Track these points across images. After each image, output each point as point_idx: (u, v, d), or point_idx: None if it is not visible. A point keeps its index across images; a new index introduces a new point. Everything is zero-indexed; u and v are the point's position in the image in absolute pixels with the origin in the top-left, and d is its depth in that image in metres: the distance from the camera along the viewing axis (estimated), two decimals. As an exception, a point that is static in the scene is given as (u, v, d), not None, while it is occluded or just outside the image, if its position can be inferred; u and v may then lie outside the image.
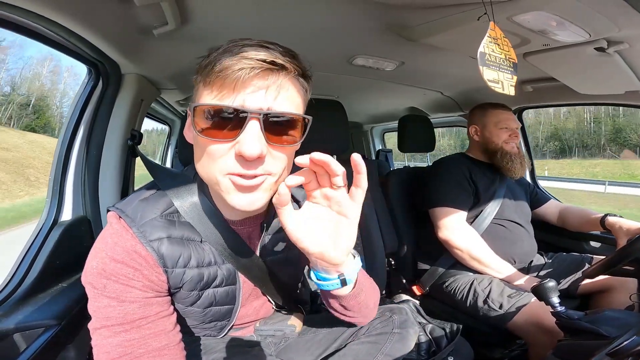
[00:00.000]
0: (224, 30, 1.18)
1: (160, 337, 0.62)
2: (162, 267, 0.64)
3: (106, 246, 0.62)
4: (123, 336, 0.59)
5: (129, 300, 0.60)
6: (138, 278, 0.62)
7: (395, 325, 0.97)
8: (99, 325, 0.60)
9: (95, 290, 0.61)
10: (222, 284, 0.74)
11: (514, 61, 0.86)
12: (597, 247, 1.70)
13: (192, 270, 0.68)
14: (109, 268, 0.60)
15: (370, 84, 1.91)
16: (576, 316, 0.87)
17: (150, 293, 0.63)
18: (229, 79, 0.53)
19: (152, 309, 0.63)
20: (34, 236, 0.98)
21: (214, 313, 0.77)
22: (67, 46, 0.93)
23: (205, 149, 0.57)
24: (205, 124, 0.55)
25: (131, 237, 0.63)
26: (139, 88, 1.23)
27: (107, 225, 0.66)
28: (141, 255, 0.63)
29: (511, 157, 1.53)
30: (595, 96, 1.56)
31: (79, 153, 1.10)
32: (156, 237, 0.64)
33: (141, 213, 0.65)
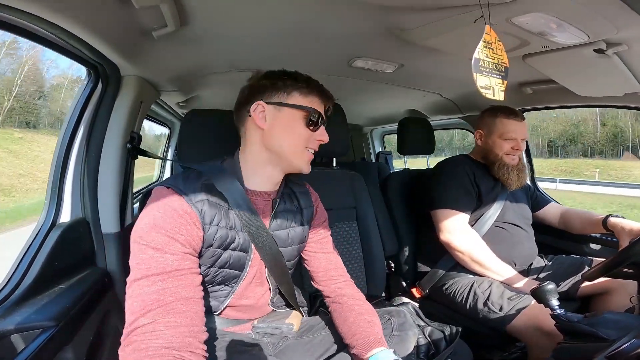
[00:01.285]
0: (223, 32, 1.18)
1: (189, 289, 0.72)
2: (202, 223, 0.79)
3: (157, 206, 0.77)
4: (159, 285, 0.69)
5: (171, 252, 0.73)
6: (181, 232, 0.75)
7: (394, 327, 0.98)
8: (140, 276, 0.70)
9: (142, 244, 0.72)
10: (237, 248, 0.87)
11: (505, 65, 0.86)
12: (597, 250, 1.70)
13: (222, 230, 0.83)
14: (160, 222, 0.74)
15: (369, 86, 1.91)
16: (575, 319, 0.87)
17: (187, 249, 0.76)
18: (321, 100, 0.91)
19: (186, 263, 0.74)
20: (32, 237, 0.97)
21: (224, 275, 0.88)
22: (66, 48, 0.93)
23: (300, 132, 0.88)
24: (310, 120, 0.88)
25: (178, 199, 0.78)
26: (139, 90, 1.22)
27: (156, 194, 0.80)
28: (187, 212, 0.78)
29: (508, 169, 1.51)
30: (595, 98, 1.56)
31: (78, 155, 1.09)
32: (199, 199, 0.80)
33: (186, 184, 0.82)
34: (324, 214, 1.09)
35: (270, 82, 0.88)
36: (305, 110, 0.87)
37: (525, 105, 1.87)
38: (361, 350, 0.87)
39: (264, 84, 0.89)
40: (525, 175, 1.57)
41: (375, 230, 1.53)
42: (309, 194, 1.06)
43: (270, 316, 1.00)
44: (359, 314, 0.95)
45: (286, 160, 0.89)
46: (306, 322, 1.05)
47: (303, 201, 1.02)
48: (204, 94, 2.10)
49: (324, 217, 1.09)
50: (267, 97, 0.88)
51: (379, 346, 0.87)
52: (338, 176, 1.55)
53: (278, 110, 0.87)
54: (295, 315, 1.02)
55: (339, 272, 1.05)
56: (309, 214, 1.03)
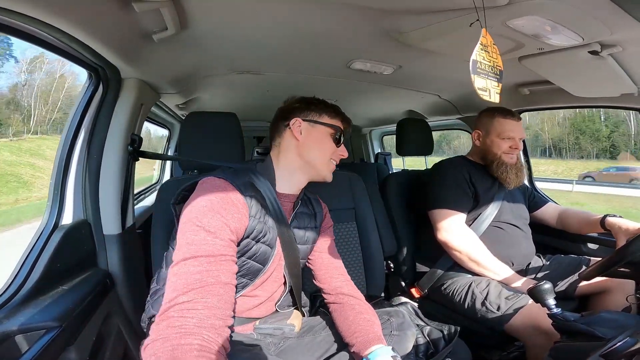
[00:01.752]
0: (223, 35, 1.19)
1: (228, 274, 0.77)
2: (249, 215, 0.87)
3: (213, 192, 0.84)
4: (205, 266, 0.74)
5: (221, 237, 0.79)
6: (234, 219, 0.83)
7: (393, 327, 1.00)
8: (189, 255, 0.75)
9: (198, 224, 0.78)
10: (266, 242, 0.93)
11: (500, 69, 0.87)
12: (594, 249, 1.71)
13: (260, 224, 0.90)
14: (218, 207, 0.82)
15: (368, 87, 1.92)
16: (572, 318, 0.88)
17: (234, 236, 0.82)
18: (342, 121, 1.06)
19: (230, 250, 0.81)
20: (35, 239, 0.99)
21: (249, 267, 0.93)
22: (68, 51, 0.94)
23: (328, 147, 1.02)
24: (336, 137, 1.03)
25: (233, 189, 0.87)
26: (139, 92, 1.23)
27: (205, 184, 0.88)
28: (240, 202, 0.86)
29: (506, 168, 1.53)
30: (591, 99, 1.57)
31: (79, 157, 1.10)
32: (249, 193, 0.90)
33: (237, 178, 0.91)
34: (330, 221, 1.20)
35: (305, 105, 1.04)
36: (333, 129, 1.03)
37: (522, 106, 1.88)
38: (360, 348, 0.89)
39: (300, 105, 1.04)
40: (523, 175, 1.58)
41: (374, 231, 1.54)
42: (320, 202, 1.18)
43: (272, 317, 1.01)
44: (358, 313, 0.98)
45: (314, 168, 1.02)
46: (307, 323, 1.06)
47: (316, 207, 1.14)
48: (204, 96, 2.11)
49: (330, 223, 1.19)
50: (304, 115, 1.02)
51: (378, 343, 0.89)
52: (337, 177, 1.55)
53: (312, 126, 1.02)
54: (297, 316, 1.03)
55: (339, 272, 1.10)
56: (320, 218, 1.14)
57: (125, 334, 1.17)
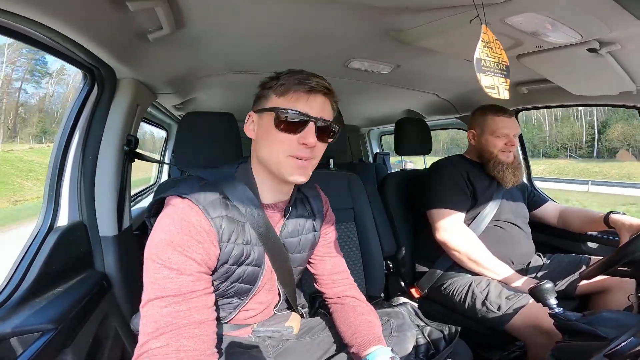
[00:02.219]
0: (219, 35, 1.18)
1: (202, 311, 0.70)
2: (219, 241, 0.77)
3: (173, 221, 0.73)
4: (174, 307, 0.67)
5: (187, 272, 0.70)
6: (199, 251, 0.73)
7: (393, 328, 0.99)
8: (154, 296, 0.68)
9: (158, 262, 0.69)
10: (251, 263, 0.85)
11: (506, 64, 0.86)
12: (594, 248, 1.70)
13: (238, 247, 0.81)
14: (177, 239, 0.71)
15: (366, 87, 1.92)
16: (574, 317, 0.87)
17: (203, 268, 0.74)
18: (302, 95, 0.78)
19: (201, 284, 0.72)
20: (30, 241, 0.98)
21: (236, 289, 0.86)
22: (62, 51, 0.93)
23: (277, 138, 0.78)
24: (280, 121, 0.77)
25: (197, 214, 0.75)
26: (135, 93, 1.22)
27: (169, 207, 0.76)
28: (205, 229, 0.75)
29: (503, 167, 1.52)
30: (590, 97, 1.56)
31: (74, 158, 1.09)
32: (217, 214, 0.77)
33: (204, 195, 0.78)
34: (332, 217, 1.08)
35: (259, 91, 0.85)
36: (279, 113, 0.78)
37: (521, 105, 1.88)
38: (360, 349, 0.88)
39: (256, 94, 0.86)
40: (521, 173, 1.58)
41: (373, 231, 1.54)
42: (320, 197, 1.03)
43: (271, 319, 1.00)
44: (359, 314, 0.96)
45: (274, 170, 0.82)
46: (306, 324, 1.05)
47: (316, 206, 1.00)
48: (201, 96, 2.10)
49: (332, 219, 1.08)
50: (256, 105, 0.85)
51: (378, 344, 0.88)
52: (336, 177, 1.55)
53: (260, 117, 0.83)
54: (295, 318, 1.02)
55: (343, 276, 1.05)
56: (321, 219, 1.01)
57: (123, 336, 1.16)
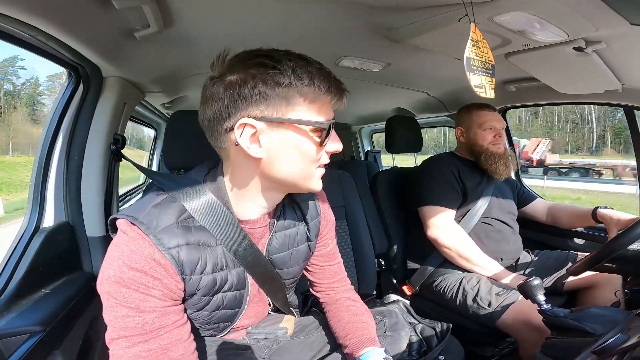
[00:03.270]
0: (208, 32, 1.17)
1: (178, 347, 0.63)
2: (181, 274, 0.65)
3: (122, 254, 0.61)
4: (142, 346, 0.60)
5: (148, 310, 0.60)
6: (157, 287, 0.61)
7: (386, 328, 0.99)
8: (116, 336, 0.60)
9: (113, 300, 0.60)
10: (231, 289, 0.75)
11: (492, 63, 0.87)
12: (581, 244, 1.74)
13: (208, 277, 0.69)
14: (127, 277, 0.60)
15: (357, 85, 1.91)
16: (562, 314, 0.88)
17: (168, 302, 0.63)
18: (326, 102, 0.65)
19: (169, 318, 0.63)
20: (15, 242, 0.96)
21: (219, 316, 0.77)
22: (44, 49, 0.91)
23: (311, 153, 0.66)
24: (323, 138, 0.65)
25: (148, 245, 0.61)
26: (122, 91, 1.20)
27: (119, 233, 0.64)
28: (160, 263, 0.62)
29: (495, 159, 1.54)
30: (576, 95, 1.58)
31: (59, 158, 1.07)
32: (174, 244, 0.63)
33: (156, 220, 0.63)
34: (331, 219, 0.95)
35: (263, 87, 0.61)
36: (317, 126, 0.64)
37: (509, 103, 1.90)
38: (353, 349, 0.87)
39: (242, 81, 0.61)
40: (512, 164, 1.60)
41: (364, 229, 1.54)
42: (315, 200, 0.89)
43: (265, 321, 0.98)
44: (354, 315, 0.94)
45: (294, 186, 0.71)
46: (299, 323, 1.04)
47: (308, 212, 0.86)
48: (191, 95, 2.07)
49: (331, 222, 0.95)
50: (255, 108, 0.61)
51: (371, 345, 0.86)
52: (327, 175, 1.54)
53: (276, 128, 0.63)
54: (289, 319, 1.00)
55: (342, 283, 1.01)
56: (316, 226, 0.88)
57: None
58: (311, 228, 0.86)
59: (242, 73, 0.61)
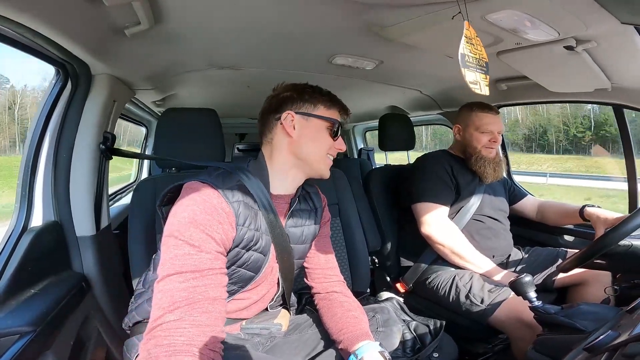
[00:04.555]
0: (200, 30, 1.15)
1: (217, 289, 0.73)
2: (236, 223, 0.81)
3: (195, 202, 0.77)
4: (191, 282, 0.70)
5: (206, 250, 0.74)
6: (218, 230, 0.76)
7: (379, 324, 1.00)
8: (173, 272, 0.70)
9: (181, 238, 0.73)
10: (258, 250, 0.88)
11: (485, 61, 0.87)
12: (571, 241, 1.76)
13: (250, 232, 0.84)
14: (200, 218, 0.75)
15: (350, 83, 1.91)
16: (553, 310, 0.89)
17: (221, 248, 0.77)
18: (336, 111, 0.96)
19: (217, 263, 0.76)
20: (3, 243, 0.95)
21: (239, 275, 0.88)
22: (31, 47, 0.89)
23: (325, 140, 0.93)
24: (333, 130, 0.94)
25: (218, 196, 0.79)
26: (111, 89, 1.19)
27: (189, 190, 0.80)
28: (225, 211, 0.78)
29: (484, 163, 1.54)
30: (566, 94, 1.60)
31: (47, 157, 1.05)
32: (236, 199, 0.82)
33: (222, 182, 0.83)
34: (328, 214, 1.13)
35: (297, 94, 0.93)
36: (329, 122, 0.93)
37: (500, 101, 1.91)
38: (347, 344, 0.90)
39: (291, 95, 0.93)
40: (501, 169, 1.60)
41: (358, 227, 1.54)
42: (319, 194, 1.09)
43: (259, 317, 0.99)
44: (346, 310, 0.97)
45: (311, 166, 0.94)
46: (293, 321, 1.05)
47: (316, 201, 1.06)
48: (182, 92, 2.05)
49: (328, 216, 1.13)
50: (296, 107, 0.92)
51: (366, 339, 0.89)
52: None
53: (306, 119, 0.92)
54: (284, 315, 1.02)
55: (334, 272, 1.08)
56: (320, 212, 1.07)
57: (106, 337, 1.14)
58: (318, 214, 1.05)
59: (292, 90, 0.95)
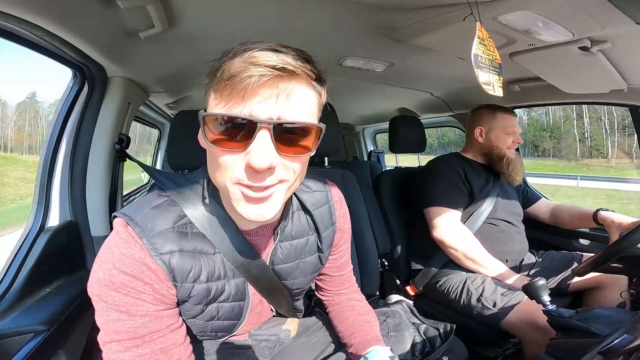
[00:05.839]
0: (212, 33, 1.17)
1: (172, 351, 0.61)
2: (172, 280, 0.62)
3: (113, 257, 0.58)
4: (134, 351, 0.58)
5: (140, 314, 0.58)
6: (148, 292, 0.59)
7: (390, 328, 0.98)
8: (109, 340, 0.58)
9: (104, 303, 0.57)
10: (228, 300, 0.71)
11: (499, 62, 0.87)
12: (586, 245, 1.72)
13: (201, 285, 0.65)
14: (117, 280, 0.57)
15: (360, 85, 1.92)
16: (567, 314, 0.88)
17: (160, 306, 0.61)
18: (237, 87, 0.51)
19: (163, 322, 0.61)
20: (20, 242, 0.97)
21: (215, 326, 0.74)
22: (50, 49, 0.91)
23: (217, 158, 0.55)
24: (216, 133, 0.53)
25: (140, 249, 0.59)
26: (126, 91, 1.21)
27: (112, 233, 0.62)
28: (151, 268, 0.59)
29: (513, 164, 1.55)
30: (581, 95, 1.57)
31: (65, 158, 1.08)
32: (167, 250, 0.61)
33: (152, 223, 0.61)
34: (347, 229, 0.89)
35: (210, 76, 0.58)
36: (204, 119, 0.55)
37: (513, 103, 1.89)
38: (358, 349, 0.85)
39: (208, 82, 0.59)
40: (521, 170, 1.60)
41: (368, 229, 1.53)
42: (330, 207, 0.81)
43: (267, 323, 0.97)
44: (358, 314, 0.93)
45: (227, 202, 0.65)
46: (302, 323, 1.03)
47: (321, 221, 0.79)
48: (195, 95, 2.08)
49: (347, 232, 0.89)
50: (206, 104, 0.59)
51: (376, 344, 0.85)
52: (330, 175, 1.54)
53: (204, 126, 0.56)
54: (292, 320, 1.00)
55: (351, 289, 0.99)
56: (329, 237, 0.82)
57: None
58: (323, 239, 0.80)
59: None
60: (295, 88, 0.54)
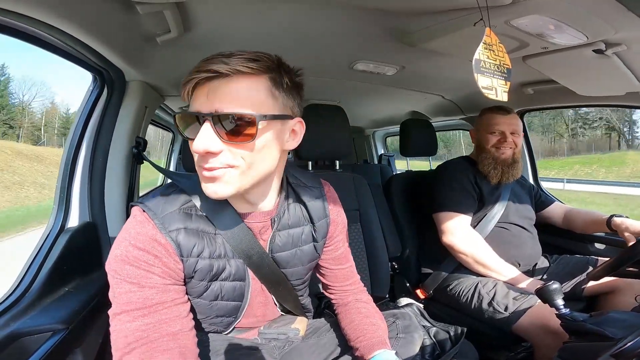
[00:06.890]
0: (226, 37, 1.20)
1: (175, 322, 0.66)
2: (179, 255, 0.70)
3: (129, 235, 0.68)
4: (141, 320, 0.64)
5: (149, 285, 0.66)
6: (157, 264, 0.67)
7: (399, 330, 0.98)
8: (119, 311, 0.64)
9: (118, 277, 0.65)
10: (229, 278, 0.78)
11: (508, 67, 0.87)
12: (601, 249, 1.69)
13: (204, 261, 0.74)
14: (132, 255, 0.66)
15: (371, 88, 1.92)
16: (581, 318, 0.87)
17: (168, 280, 0.69)
18: (186, 90, 0.66)
19: (169, 295, 0.68)
20: (41, 242, 0.99)
21: (220, 307, 0.81)
22: (72, 53, 0.94)
23: (189, 147, 0.68)
24: (183, 127, 0.68)
25: (152, 227, 0.69)
26: (143, 95, 1.24)
27: (130, 218, 0.72)
28: (161, 243, 0.69)
29: (492, 163, 1.52)
30: (596, 98, 1.56)
31: (85, 160, 1.11)
32: (174, 227, 0.71)
33: (162, 207, 0.72)
34: (342, 222, 0.95)
35: None
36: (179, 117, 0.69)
37: (526, 106, 1.87)
38: (364, 352, 0.86)
39: None
40: (514, 172, 1.54)
41: (378, 232, 1.54)
42: (324, 200, 0.89)
43: (277, 321, 0.99)
44: (365, 317, 0.94)
45: None
46: (311, 325, 1.04)
47: (315, 212, 0.86)
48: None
49: (342, 224, 0.95)
50: None
51: (382, 348, 0.86)
52: (341, 178, 1.56)
53: None
54: (301, 320, 1.01)
55: (354, 285, 1.01)
56: (323, 228, 0.89)
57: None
58: (317, 229, 0.87)
59: None
60: (229, 86, 0.64)
